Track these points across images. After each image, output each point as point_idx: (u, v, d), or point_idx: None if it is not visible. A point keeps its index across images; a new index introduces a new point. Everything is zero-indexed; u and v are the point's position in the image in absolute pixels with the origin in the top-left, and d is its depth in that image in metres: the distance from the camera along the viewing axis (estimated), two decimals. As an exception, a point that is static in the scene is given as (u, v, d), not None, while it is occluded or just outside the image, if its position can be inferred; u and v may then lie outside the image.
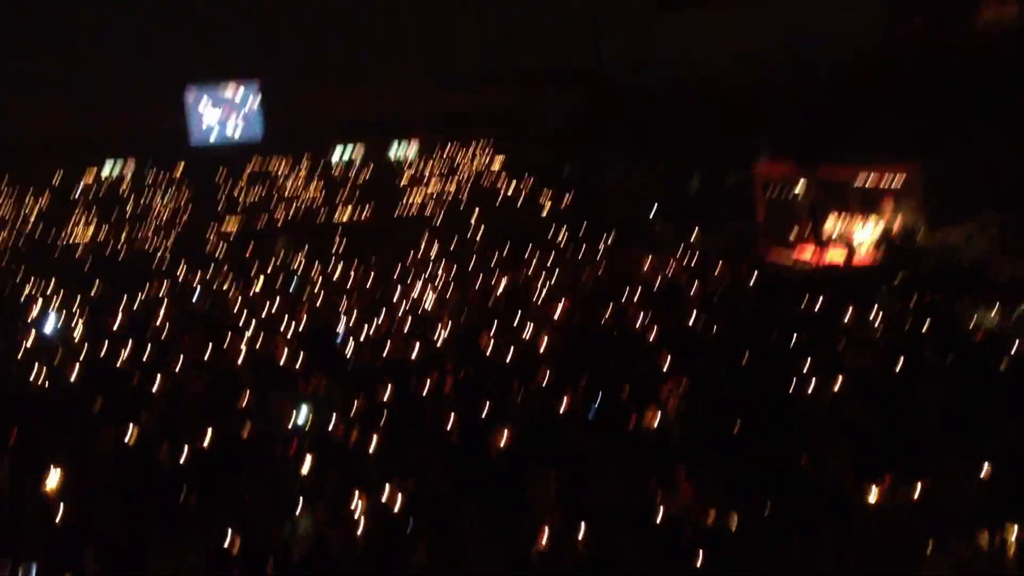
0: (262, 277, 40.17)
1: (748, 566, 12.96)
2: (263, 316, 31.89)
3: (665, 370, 21.65)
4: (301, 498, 16.76)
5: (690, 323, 26.88)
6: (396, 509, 15.47)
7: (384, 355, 24.86)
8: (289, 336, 28.08)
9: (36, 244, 52.61)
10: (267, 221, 55.65)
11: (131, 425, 19.14)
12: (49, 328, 31.49)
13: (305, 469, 17.08)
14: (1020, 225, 31.07)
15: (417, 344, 25.34)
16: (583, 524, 13.73)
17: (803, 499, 14.95)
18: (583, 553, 13.47)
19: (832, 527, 14.18)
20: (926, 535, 13.01)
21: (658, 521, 14.32)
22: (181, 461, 17.58)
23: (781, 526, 13.75)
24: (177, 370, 24.48)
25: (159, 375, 23.15)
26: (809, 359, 21.53)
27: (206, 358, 25.75)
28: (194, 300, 36.50)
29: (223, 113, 66.25)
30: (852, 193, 39.67)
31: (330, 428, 18.90)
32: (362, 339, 27.23)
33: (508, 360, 23.70)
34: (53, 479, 15.80)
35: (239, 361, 25.39)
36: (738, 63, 45.69)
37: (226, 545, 14.01)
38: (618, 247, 43.90)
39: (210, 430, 18.45)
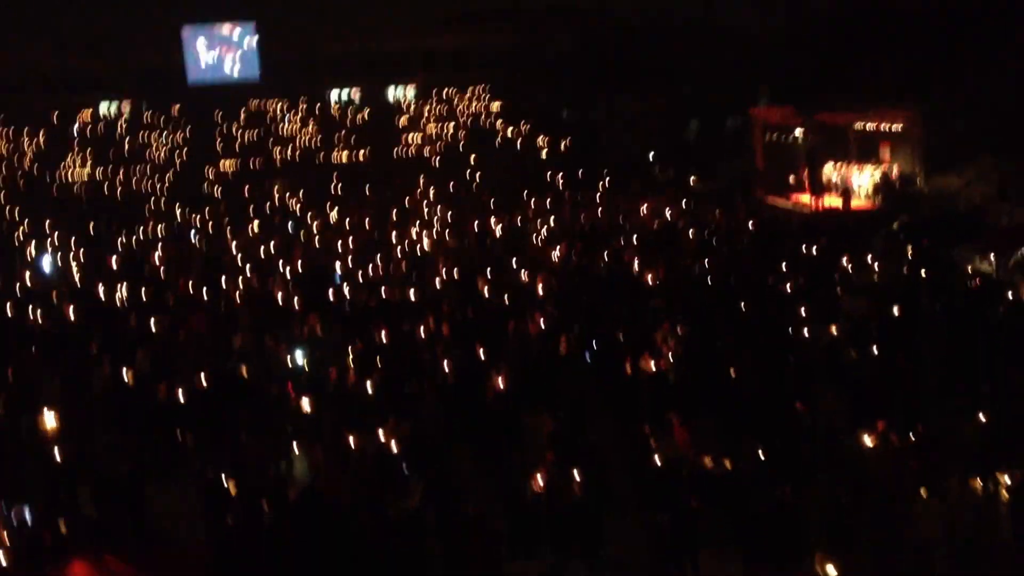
0: (259, 218, 40.00)
1: (742, 509, 13.02)
2: (260, 257, 31.79)
3: (662, 315, 21.64)
4: (297, 439, 16.87)
5: (687, 267, 26.85)
6: (392, 451, 15.52)
7: (381, 297, 24.81)
8: (286, 278, 28.01)
9: (33, 183, 52.28)
10: (264, 162, 55.30)
11: (128, 364, 19.13)
12: (46, 267, 31.41)
13: (301, 410, 17.10)
14: (1019, 171, 30.95)
15: (414, 287, 25.29)
16: (578, 467, 13.76)
17: (798, 443, 15.01)
18: (578, 495, 13.52)
19: (826, 471, 14.26)
20: (919, 479, 13.07)
21: (652, 465, 14.35)
22: (178, 401, 17.57)
23: (775, 470, 13.79)
24: (174, 310, 24.45)
25: (156, 315, 23.11)
26: (806, 304, 21.52)
27: (203, 299, 25.69)
28: (191, 241, 36.37)
29: (220, 52, 65.76)
30: (851, 138, 39.50)
31: (326, 370, 18.89)
32: (359, 281, 27.17)
33: (505, 303, 23.66)
34: (50, 418, 15.80)
35: (236, 302, 25.35)
36: (739, 2, 45.34)
37: (223, 485, 14.05)
38: (616, 191, 43.73)
39: (206, 370, 18.43)
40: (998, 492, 12.99)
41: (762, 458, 14.04)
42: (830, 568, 10.97)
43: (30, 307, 24.36)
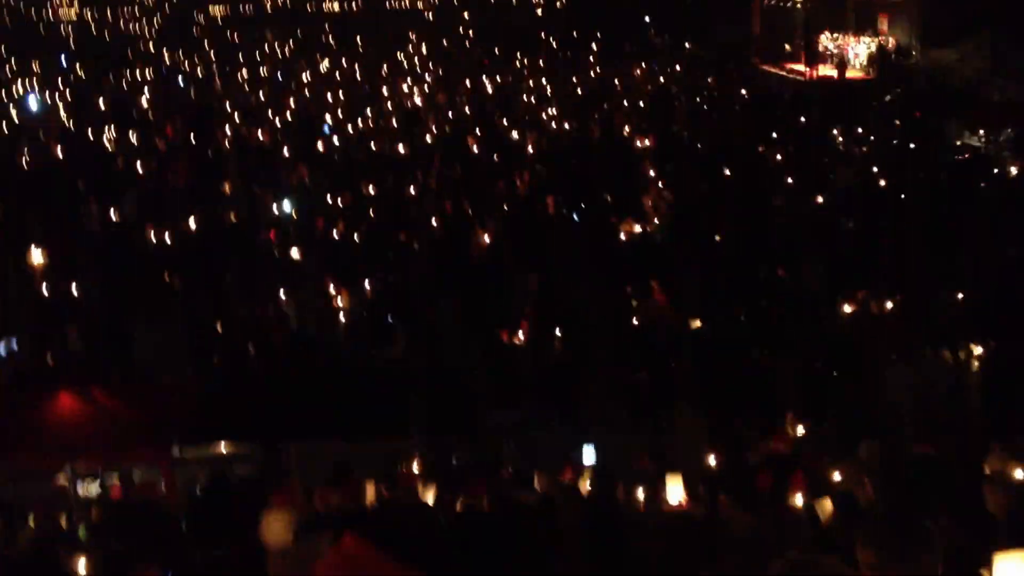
0: (248, 66, 39.46)
1: (720, 371, 13.28)
2: (249, 105, 31.49)
3: (651, 179, 21.64)
4: (283, 287, 17.00)
5: (678, 134, 26.74)
6: (377, 302, 15.69)
7: (370, 150, 24.71)
8: (275, 125, 27.81)
9: (18, 20, 51.25)
10: (254, 7, 54.22)
11: (115, 206, 19.12)
12: (33, 106, 31.08)
13: (288, 259, 17.20)
14: (1014, 46, 30.61)
15: (404, 141, 25.16)
16: (559, 324, 13.97)
17: (777, 308, 15.23)
18: (558, 351, 13.76)
19: (803, 335, 14.50)
20: (895, 346, 13.32)
21: (632, 325, 14.58)
22: (165, 244, 17.65)
23: (755, 333, 14.04)
24: (161, 155, 24.32)
25: (143, 158, 23.00)
26: (796, 172, 21.55)
27: (191, 143, 25.54)
28: (179, 85, 35.95)
29: None
30: (849, 8, 38.92)
31: (314, 220, 18.95)
32: (349, 133, 27.01)
33: (494, 161, 23.60)
34: (37, 254, 15.86)
35: (224, 149, 25.22)
36: None
37: (209, 327, 14.23)
38: (610, 53, 43.16)
39: (194, 215, 18.46)
40: (969, 363, 13.26)
41: (741, 321, 14.28)
42: (799, 428, 11.30)
43: (18, 145, 24.21)
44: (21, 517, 10.33)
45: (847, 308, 14.56)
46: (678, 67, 38.19)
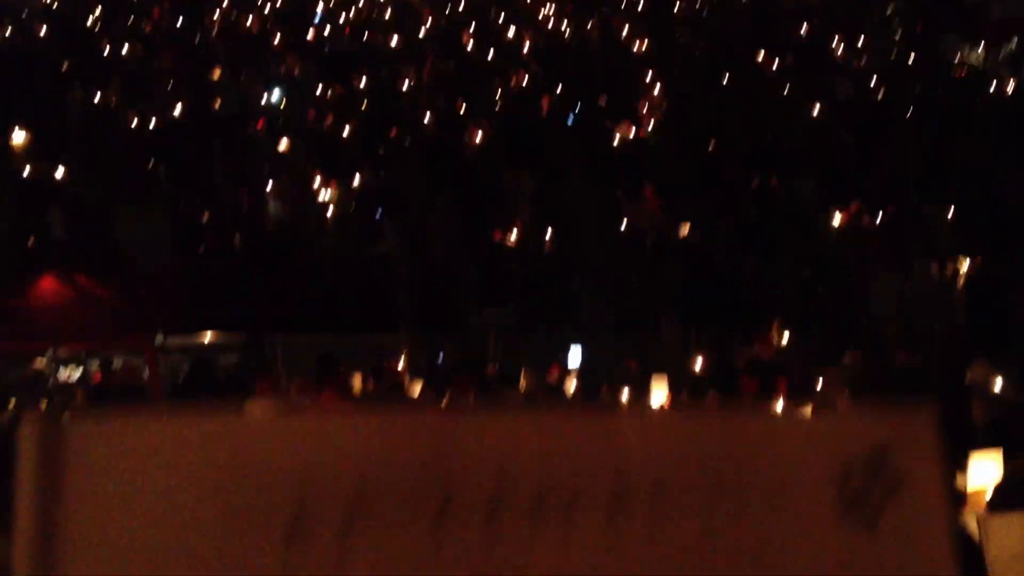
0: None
1: (708, 277, 13.26)
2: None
3: (647, 84, 21.36)
4: (271, 177, 16.80)
5: (676, 38, 26.33)
6: (367, 196, 15.54)
7: (363, 42, 24.26)
8: (265, 12, 27.21)
9: None
10: None
11: (100, 89, 18.77)
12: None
13: (276, 150, 16.97)
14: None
15: (397, 34, 24.71)
16: (551, 225, 13.89)
17: (769, 217, 15.16)
18: (549, 252, 13.70)
19: (794, 245, 14.47)
20: (882, 259, 13.31)
21: (622, 230, 14.50)
22: (150, 130, 17.35)
23: (744, 241, 13.98)
24: (148, 38, 23.82)
25: (129, 42, 22.52)
26: (792, 83, 21.30)
27: (177, 27, 25.00)
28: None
29: None
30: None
31: (304, 111, 18.67)
32: (340, 22, 26.48)
33: (489, 59, 23.22)
34: (19, 136, 15.60)
35: (212, 34, 24.71)
36: None
37: (194, 214, 14.10)
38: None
39: (181, 102, 18.14)
40: (955, 277, 13.27)
41: (731, 228, 14.22)
42: (784, 336, 11.31)
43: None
44: (4, 398, 10.32)
45: (838, 219, 14.49)
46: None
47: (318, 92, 19.94)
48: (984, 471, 5.50)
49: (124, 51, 22.06)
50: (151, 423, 0.70)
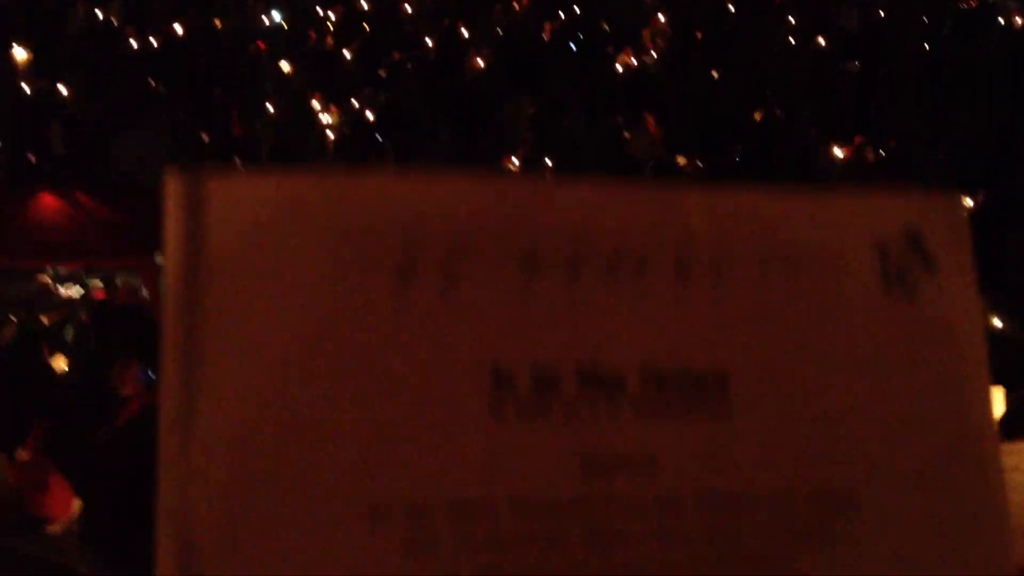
0: None
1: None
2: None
3: (650, 10, 21.17)
4: (268, 98, 16.71)
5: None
6: (367, 121, 15.48)
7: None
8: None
9: None
10: None
11: (101, 8, 18.58)
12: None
13: (277, 71, 16.86)
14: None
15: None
16: (552, 152, 13.86)
17: (770, 151, 15.12)
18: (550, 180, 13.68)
19: (795, 179, 14.44)
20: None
21: (623, 157, 14.47)
22: (151, 48, 17.22)
23: (745, 173, 13.96)
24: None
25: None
26: (791, 17, 21.09)
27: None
28: None
29: None
30: None
31: (305, 31, 18.51)
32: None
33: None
34: (20, 51, 15.47)
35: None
36: None
37: (193, 134, 14.05)
38: None
39: (180, 20, 17.97)
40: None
41: (733, 160, 14.19)
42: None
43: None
44: (4, 314, 10.36)
45: (840, 153, 14.47)
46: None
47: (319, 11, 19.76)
48: (986, 408, 5.54)
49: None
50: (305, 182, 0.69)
